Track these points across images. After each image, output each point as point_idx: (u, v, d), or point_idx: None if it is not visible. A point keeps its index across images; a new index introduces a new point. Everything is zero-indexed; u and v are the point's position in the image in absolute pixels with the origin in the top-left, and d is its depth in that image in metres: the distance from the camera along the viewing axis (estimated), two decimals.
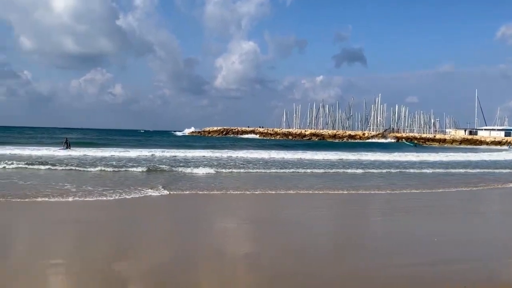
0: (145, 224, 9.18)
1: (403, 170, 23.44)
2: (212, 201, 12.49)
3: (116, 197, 11.80)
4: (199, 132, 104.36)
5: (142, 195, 12.27)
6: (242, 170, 20.49)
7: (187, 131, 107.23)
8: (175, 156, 27.91)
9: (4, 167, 18.45)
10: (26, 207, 10.59)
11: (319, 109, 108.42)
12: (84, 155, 26.51)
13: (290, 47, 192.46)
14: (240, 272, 6.12)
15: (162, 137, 77.00)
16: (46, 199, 11.20)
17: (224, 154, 30.33)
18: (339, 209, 12.20)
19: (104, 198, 11.56)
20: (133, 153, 28.54)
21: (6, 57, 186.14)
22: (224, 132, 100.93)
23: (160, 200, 12.14)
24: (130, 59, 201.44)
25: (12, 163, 19.21)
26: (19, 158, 21.99)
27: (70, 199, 11.29)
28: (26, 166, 18.91)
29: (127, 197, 11.92)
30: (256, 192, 13.75)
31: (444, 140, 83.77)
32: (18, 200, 11.10)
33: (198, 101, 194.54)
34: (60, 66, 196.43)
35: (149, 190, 13.03)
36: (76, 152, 27.52)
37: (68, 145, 31.20)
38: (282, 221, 9.94)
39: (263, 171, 20.58)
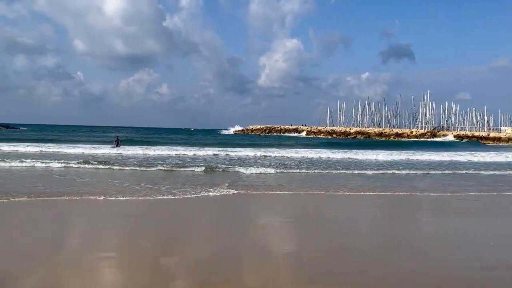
0: (206, 221, 9.79)
1: (457, 171, 22.88)
2: (267, 200, 12.96)
3: (186, 196, 12.49)
4: (242, 130, 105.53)
5: (205, 194, 12.93)
6: (293, 170, 20.95)
7: (232, 130, 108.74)
8: (226, 155, 29.03)
9: (59, 165, 19.38)
10: (93, 204, 11.09)
11: (364, 106, 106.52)
12: (135, 153, 27.81)
13: (334, 44, 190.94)
14: (285, 270, 6.28)
15: (210, 136, 78.92)
16: (115, 197, 11.74)
17: (274, 153, 31.14)
18: (389, 210, 12.22)
19: (170, 197, 12.23)
20: (184, 151, 29.82)
21: (61, 59, 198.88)
22: (267, 131, 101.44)
23: (224, 199, 12.64)
24: (176, 59, 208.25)
25: (68, 162, 20.24)
26: (74, 157, 23.64)
27: (136, 197, 11.92)
28: (82, 165, 19.71)
29: (193, 196, 12.62)
30: (302, 193, 14.07)
31: (499, 139, 79.58)
32: (89, 197, 11.68)
33: (242, 99, 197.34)
34: (110, 67, 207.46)
35: (211, 189, 13.74)
36: (127, 151, 28.79)
37: (118, 143, 32.72)
38: (330, 220, 10.08)
39: (311, 171, 20.86)
